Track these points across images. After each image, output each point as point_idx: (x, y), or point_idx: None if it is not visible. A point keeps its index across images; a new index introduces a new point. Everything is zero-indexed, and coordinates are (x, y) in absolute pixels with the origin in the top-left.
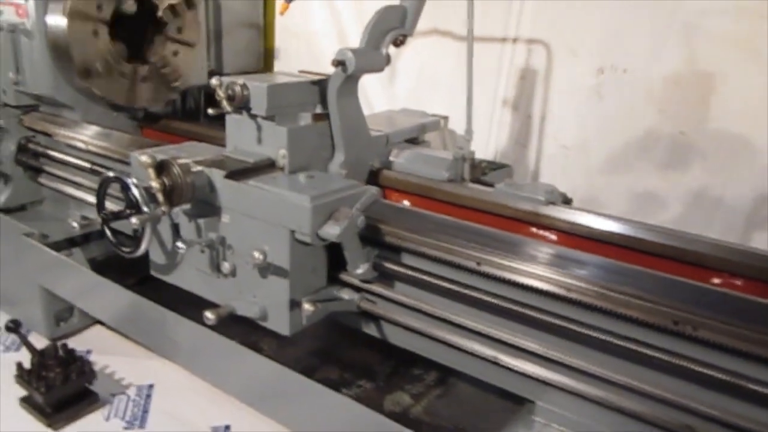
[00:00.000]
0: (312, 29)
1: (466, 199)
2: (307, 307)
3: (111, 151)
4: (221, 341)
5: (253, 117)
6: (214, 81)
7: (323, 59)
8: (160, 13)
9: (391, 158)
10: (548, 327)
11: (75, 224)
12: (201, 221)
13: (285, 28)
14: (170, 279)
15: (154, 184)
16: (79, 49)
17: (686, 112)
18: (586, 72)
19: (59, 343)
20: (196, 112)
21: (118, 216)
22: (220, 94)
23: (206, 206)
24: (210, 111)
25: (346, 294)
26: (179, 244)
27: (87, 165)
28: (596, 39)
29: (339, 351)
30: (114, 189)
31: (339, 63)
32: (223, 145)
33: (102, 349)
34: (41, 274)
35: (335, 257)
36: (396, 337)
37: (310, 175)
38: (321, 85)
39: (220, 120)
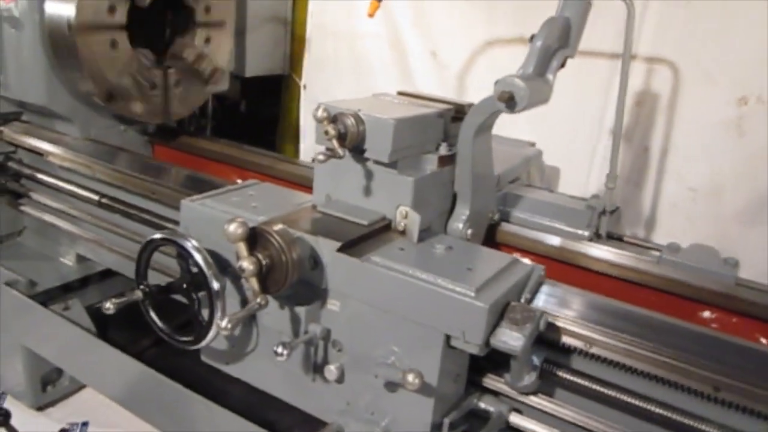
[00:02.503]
0: (357, 30)
1: (628, 271)
2: None
3: (130, 183)
4: None
5: (363, 160)
6: (319, 113)
7: (372, 66)
8: None
9: (506, 207)
10: None
11: (109, 305)
12: (298, 309)
13: (320, 27)
14: (234, 371)
15: (247, 264)
16: (97, 69)
17: None
18: (724, 101)
19: None
20: (200, 120)
21: (168, 290)
22: (331, 131)
23: (304, 286)
24: (320, 157)
25: (488, 404)
26: (279, 350)
27: (94, 197)
28: (740, 63)
29: None
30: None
31: (509, 98)
32: (262, 172)
33: (103, 421)
34: (27, 334)
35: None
36: None
37: (449, 246)
38: (445, 117)
39: (236, 134)
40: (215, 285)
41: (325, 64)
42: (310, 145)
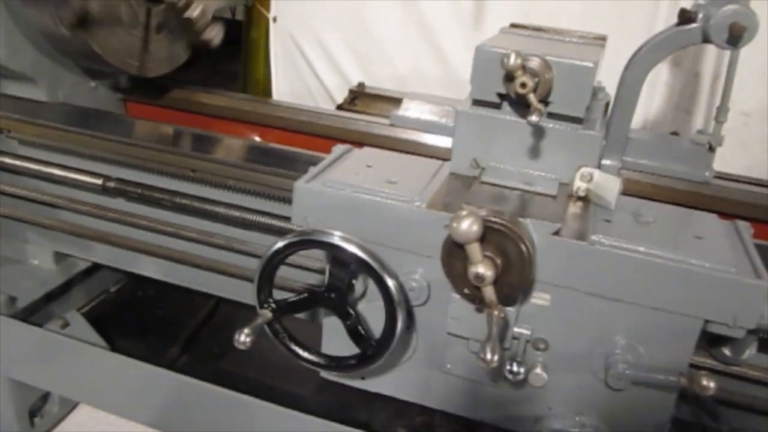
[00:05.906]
0: None
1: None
2: None
3: (154, 158)
4: None
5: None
6: (512, 60)
7: None
8: None
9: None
10: None
11: (244, 338)
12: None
13: None
14: (373, 386)
15: (484, 270)
16: None
17: None
18: None
19: None
20: None
21: (304, 305)
22: (528, 83)
23: None
24: (532, 118)
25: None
26: (515, 368)
27: (97, 182)
28: None
29: None
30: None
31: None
32: (283, 127)
33: None
34: (12, 363)
35: None
36: None
37: (652, 213)
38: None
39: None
40: (392, 284)
41: None
42: (284, 91)
